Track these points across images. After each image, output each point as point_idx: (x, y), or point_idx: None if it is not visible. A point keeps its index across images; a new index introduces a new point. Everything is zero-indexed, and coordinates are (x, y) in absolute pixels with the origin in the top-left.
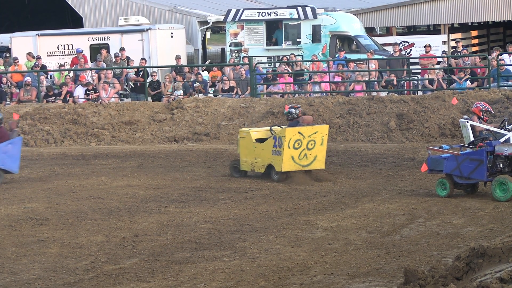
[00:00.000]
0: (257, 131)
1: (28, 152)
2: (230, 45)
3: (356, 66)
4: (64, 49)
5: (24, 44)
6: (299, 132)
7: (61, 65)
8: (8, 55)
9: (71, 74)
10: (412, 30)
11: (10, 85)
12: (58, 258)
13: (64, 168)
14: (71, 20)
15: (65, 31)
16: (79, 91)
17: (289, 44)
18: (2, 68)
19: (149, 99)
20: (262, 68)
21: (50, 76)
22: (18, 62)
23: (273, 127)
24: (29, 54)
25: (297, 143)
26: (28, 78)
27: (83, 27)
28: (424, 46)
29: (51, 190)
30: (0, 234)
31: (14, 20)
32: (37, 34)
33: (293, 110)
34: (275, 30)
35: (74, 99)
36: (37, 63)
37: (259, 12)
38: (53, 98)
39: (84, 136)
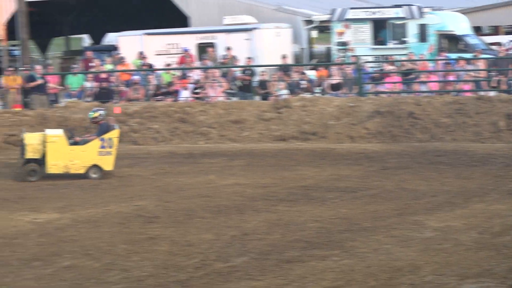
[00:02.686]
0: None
1: (137, 150)
2: (336, 45)
3: (470, 64)
4: (171, 48)
5: (131, 43)
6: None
7: (168, 64)
8: (118, 53)
9: (178, 73)
10: None
11: (118, 84)
12: (169, 255)
13: (173, 166)
14: (178, 20)
15: (172, 31)
16: (185, 94)
17: (396, 44)
18: (111, 67)
19: (257, 98)
20: (369, 67)
21: (158, 75)
22: (125, 61)
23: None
24: (140, 53)
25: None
26: (136, 77)
27: (189, 26)
28: None
29: (161, 188)
30: (110, 231)
31: (121, 19)
32: (144, 34)
33: (103, 112)
34: (381, 29)
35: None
36: (144, 62)
37: (365, 11)
38: (161, 96)
39: (192, 134)
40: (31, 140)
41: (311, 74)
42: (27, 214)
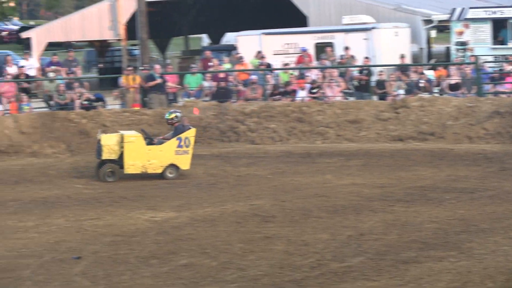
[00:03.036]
0: None
1: (254, 150)
2: (455, 44)
3: None
4: (290, 47)
5: (249, 43)
6: None
7: (286, 64)
8: (237, 53)
9: (296, 72)
10: None
11: (236, 83)
12: (284, 255)
13: (290, 166)
14: (296, 19)
15: (290, 30)
16: (302, 94)
17: None
18: (229, 66)
19: (374, 98)
20: (488, 67)
21: (276, 74)
22: (243, 61)
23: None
24: (258, 53)
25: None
26: (254, 77)
27: (308, 26)
28: None
29: (277, 188)
30: (227, 230)
31: (240, 19)
32: (263, 33)
33: (179, 114)
34: (501, 29)
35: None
36: (262, 61)
37: (485, 11)
38: (279, 96)
39: (309, 134)
40: (108, 141)
41: (430, 74)
42: (145, 213)
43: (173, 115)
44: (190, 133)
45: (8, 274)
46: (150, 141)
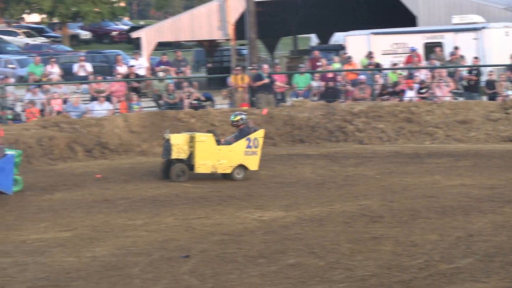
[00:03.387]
0: None
1: (362, 150)
2: None
3: None
4: (398, 47)
5: (358, 42)
6: None
7: (394, 64)
8: (345, 53)
9: (405, 73)
10: None
11: (345, 83)
12: (392, 255)
13: (398, 166)
14: (405, 19)
15: (399, 30)
16: (410, 94)
17: None
18: (338, 66)
19: (484, 98)
20: None
21: (384, 74)
22: (352, 60)
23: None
24: (369, 53)
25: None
26: (362, 76)
27: (416, 26)
28: None
29: (385, 188)
30: (335, 230)
31: (348, 18)
32: (371, 33)
33: (244, 116)
34: None
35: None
36: (371, 61)
37: None
38: (387, 96)
39: (417, 134)
40: (177, 140)
41: None
42: (253, 212)
43: (238, 117)
44: (259, 134)
45: (117, 272)
46: (217, 142)
